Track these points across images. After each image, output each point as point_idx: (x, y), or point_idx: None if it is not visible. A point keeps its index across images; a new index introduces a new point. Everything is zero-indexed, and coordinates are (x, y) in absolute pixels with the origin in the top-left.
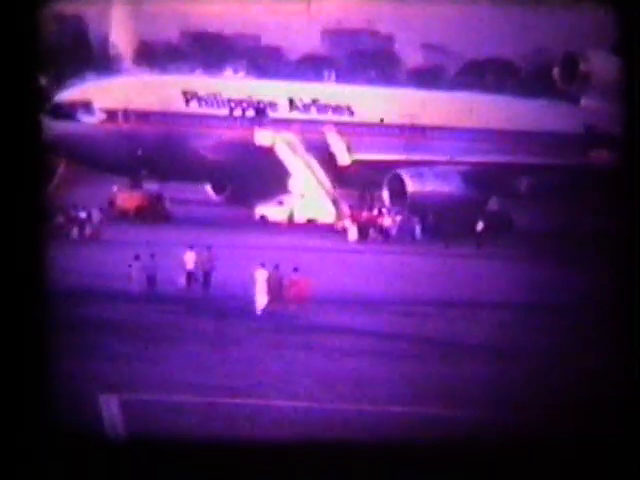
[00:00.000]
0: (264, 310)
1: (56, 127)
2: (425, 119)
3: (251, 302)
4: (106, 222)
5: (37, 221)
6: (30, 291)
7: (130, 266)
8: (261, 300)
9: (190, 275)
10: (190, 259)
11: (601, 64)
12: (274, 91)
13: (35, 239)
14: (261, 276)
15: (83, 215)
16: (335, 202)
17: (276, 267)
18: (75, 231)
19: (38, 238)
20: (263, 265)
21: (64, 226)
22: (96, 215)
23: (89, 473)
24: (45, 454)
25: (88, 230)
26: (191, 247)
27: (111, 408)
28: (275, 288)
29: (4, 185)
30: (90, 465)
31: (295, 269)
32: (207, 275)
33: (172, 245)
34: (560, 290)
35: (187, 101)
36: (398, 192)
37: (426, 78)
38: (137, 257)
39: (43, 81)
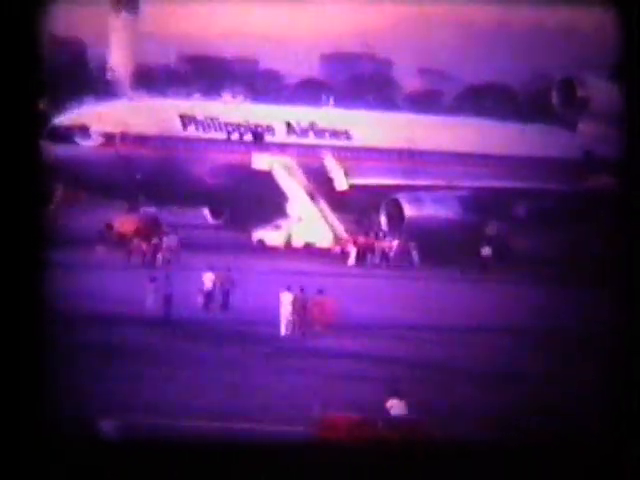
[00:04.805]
0: (291, 332)
1: (53, 151)
2: (423, 144)
3: (252, 326)
4: (106, 246)
5: (38, 244)
6: (33, 314)
7: (152, 283)
8: (286, 322)
9: (208, 296)
10: (208, 280)
11: (598, 89)
12: (272, 115)
13: (36, 262)
14: (286, 299)
15: (159, 241)
16: (332, 226)
17: (301, 289)
18: (154, 257)
19: (39, 261)
20: (289, 288)
21: (144, 252)
22: (172, 240)
23: None
24: (44, 469)
25: (162, 255)
26: (211, 268)
27: (109, 430)
28: (300, 310)
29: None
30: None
31: (320, 291)
32: (225, 296)
33: (174, 269)
34: (558, 314)
35: (185, 125)
36: (396, 217)
37: (424, 103)
38: (153, 279)
39: (41, 105)
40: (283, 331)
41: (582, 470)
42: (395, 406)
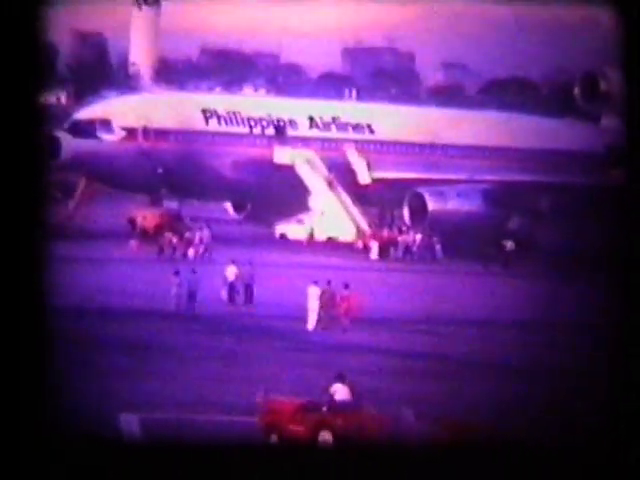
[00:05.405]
0: (318, 326)
1: (75, 145)
2: (446, 137)
3: (276, 320)
4: (129, 241)
5: (43, 238)
6: (49, 309)
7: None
8: (312, 317)
9: (231, 290)
10: (231, 274)
11: (621, 83)
12: (294, 109)
13: (50, 256)
14: (313, 293)
15: (191, 235)
16: (355, 220)
17: (328, 283)
18: (186, 251)
19: (47, 256)
20: (316, 282)
21: (175, 246)
22: (205, 234)
23: None
24: (62, 469)
25: (193, 250)
26: (233, 261)
27: (131, 426)
28: (327, 304)
29: (7, 197)
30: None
31: (346, 285)
32: (249, 289)
33: (195, 263)
34: (582, 309)
35: (207, 119)
36: (419, 211)
37: (446, 96)
38: (177, 273)
39: (63, 99)
40: (310, 325)
41: (584, 468)
42: (339, 391)
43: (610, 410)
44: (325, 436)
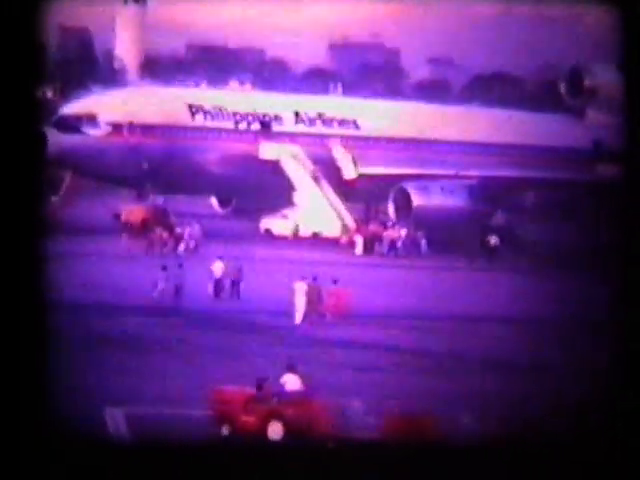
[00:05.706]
0: (304, 321)
1: (61, 140)
2: (431, 133)
3: (262, 315)
4: (114, 236)
5: (38, 234)
6: (36, 304)
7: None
8: (299, 312)
9: (218, 285)
10: (217, 269)
11: (607, 78)
12: (280, 104)
13: (36, 252)
14: (300, 288)
15: (181, 230)
16: (340, 216)
17: (314, 279)
18: (175, 246)
19: (39, 251)
20: (303, 278)
21: (165, 242)
22: (196, 229)
23: None
24: (49, 464)
25: (183, 245)
26: (220, 257)
27: (116, 421)
28: (314, 300)
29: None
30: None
31: (334, 281)
32: (235, 285)
33: (179, 257)
34: (566, 304)
35: (192, 114)
36: (403, 206)
37: (432, 92)
38: (164, 268)
39: (49, 94)
40: (297, 320)
41: (584, 463)
42: (289, 381)
43: (602, 406)
44: (274, 426)
